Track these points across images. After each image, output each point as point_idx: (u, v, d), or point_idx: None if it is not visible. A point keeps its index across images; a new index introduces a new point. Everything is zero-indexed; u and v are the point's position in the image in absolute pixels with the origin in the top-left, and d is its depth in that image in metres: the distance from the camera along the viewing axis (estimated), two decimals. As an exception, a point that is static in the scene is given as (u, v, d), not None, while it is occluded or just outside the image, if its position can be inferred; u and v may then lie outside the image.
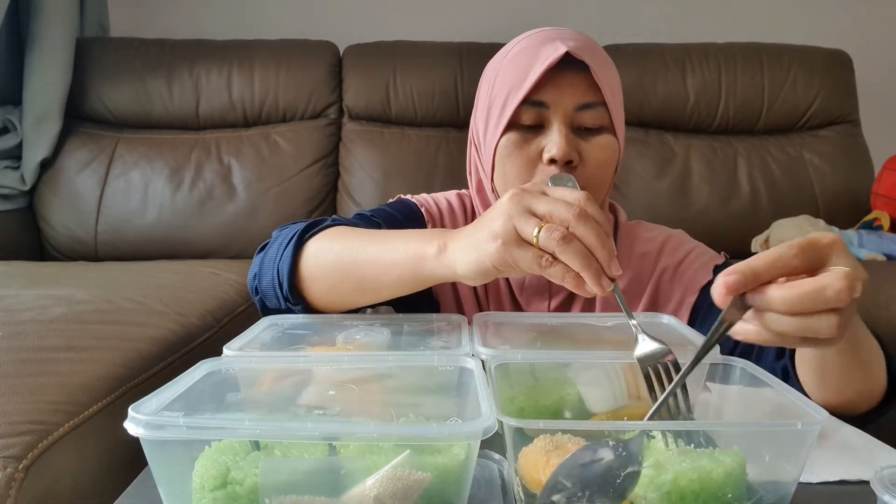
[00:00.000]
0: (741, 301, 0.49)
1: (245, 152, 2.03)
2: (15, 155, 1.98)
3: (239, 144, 2.04)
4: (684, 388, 0.53)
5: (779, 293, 0.47)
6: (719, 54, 2.11)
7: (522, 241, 0.56)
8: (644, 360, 0.56)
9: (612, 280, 0.56)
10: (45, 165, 1.99)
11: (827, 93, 2.10)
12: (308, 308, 0.76)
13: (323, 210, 2.04)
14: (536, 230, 0.55)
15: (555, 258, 0.55)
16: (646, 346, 0.56)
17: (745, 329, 0.50)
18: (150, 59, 2.05)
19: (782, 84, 2.09)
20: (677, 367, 0.55)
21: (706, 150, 2.08)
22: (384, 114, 2.09)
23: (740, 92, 2.09)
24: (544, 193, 0.58)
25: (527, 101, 0.78)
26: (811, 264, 0.48)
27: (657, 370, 0.55)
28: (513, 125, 0.80)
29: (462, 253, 0.61)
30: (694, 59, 2.10)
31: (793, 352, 0.73)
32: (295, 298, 0.75)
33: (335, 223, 0.80)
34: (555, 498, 0.44)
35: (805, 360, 0.67)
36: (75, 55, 2.02)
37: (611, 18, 2.34)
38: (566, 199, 0.56)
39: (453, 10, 2.34)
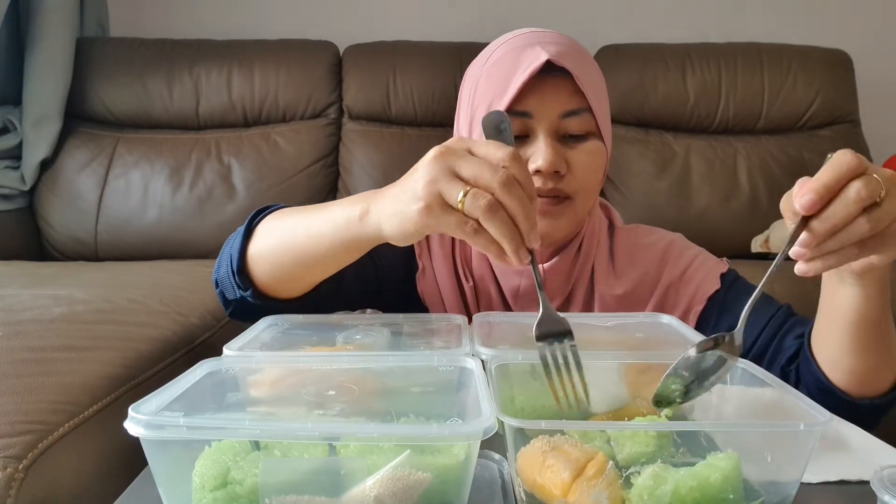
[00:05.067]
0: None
1: (245, 152, 2.03)
2: (15, 155, 1.98)
3: (239, 144, 2.04)
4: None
5: (815, 223, 0.52)
6: (719, 54, 2.11)
7: (446, 206, 0.54)
8: (542, 337, 0.56)
9: (530, 251, 0.56)
10: (45, 165, 1.99)
11: (827, 93, 2.10)
12: (258, 293, 0.75)
13: (323, 210, 2.04)
14: (461, 194, 0.53)
15: (479, 225, 0.54)
16: (548, 320, 0.56)
17: (808, 266, 0.54)
18: (150, 59, 2.05)
19: (782, 84, 2.09)
20: (575, 355, 0.55)
21: (706, 150, 2.08)
22: (384, 114, 2.09)
23: (740, 92, 2.09)
24: (470, 151, 0.56)
25: (509, 111, 0.76)
26: (864, 163, 0.52)
27: (554, 354, 0.55)
28: None
29: (386, 214, 0.60)
30: (694, 59, 2.10)
31: (808, 339, 0.74)
32: (244, 283, 0.74)
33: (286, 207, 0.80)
34: (673, 385, 0.53)
35: (841, 317, 0.67)
36: (75, 55, 2.02)
37: (611, 18, 2.34)
38: (492, 158, 0.54)
39: (453, 10, 2.34)
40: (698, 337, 0.66)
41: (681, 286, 0.86)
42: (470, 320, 0.73)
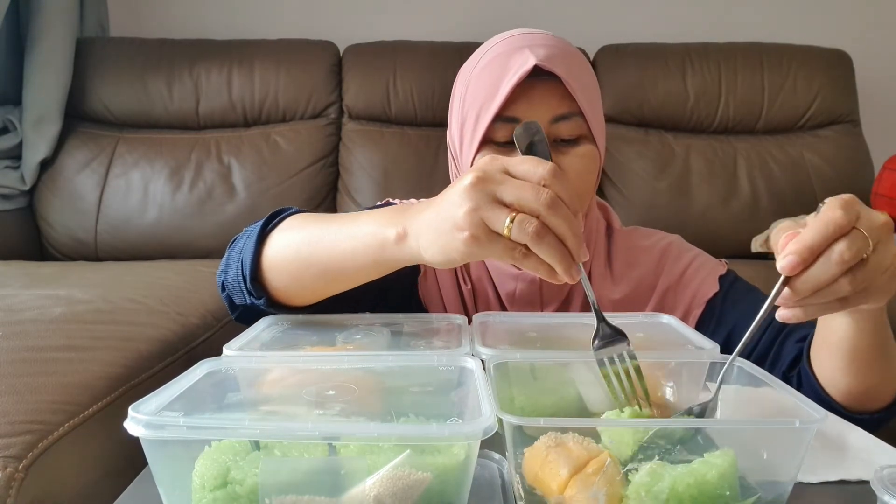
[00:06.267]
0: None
1: (245, 152, 2.03)
2: (15, 155, 1.98)
3: (239, 144, 2.04)
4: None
5: (797, 283, 0.51)
6: (719, 54, 2.11)
7: (492, 234, 0.53)
8: (601, 351, 0.57)
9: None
10: (45, 165, 1.99)
11: (827, 93, 2.10)
12: (271, 301, 0.73)
13: (323, 210, 2.04)
14: (508, 221, 0.51)
15: (527, 249, 0.53)
16: (604, 335, 0.57)
17: (790, 314, 0.54)
18: (150, 59, 2.05)
19: (782, 84, 2.09)
20: (633, 358, 0.57)
21: (706, 150, 2.08)
22: (384, 114, 2.09)
23: (740, 92, 2.09)
24: (507, 172, 0.54)
25: (499, 117, 0.75)
26: (854, 216, 0.51)
27: (612, 359, 0.57)
28: (487, 141, 0.77)
29: (426, 241, 0.57)
30: (694, 59, 2.10)
31: (809, 343, 0.73)
32: (258, 291, 0.72)
33: (299, 212, 0.77)
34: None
35: (835, 343, 0.67)
36: (75, 55, 2.02)
37: (611, 18, 2.34)
38: (532, 177, 0.53)
39: (454, 10, 2.34)
40: (698, 337, 0.66)
41: (679, 289, 0.85)
42: (470, 321, 0.73)
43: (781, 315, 0.54)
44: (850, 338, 0.65)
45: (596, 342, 0.57)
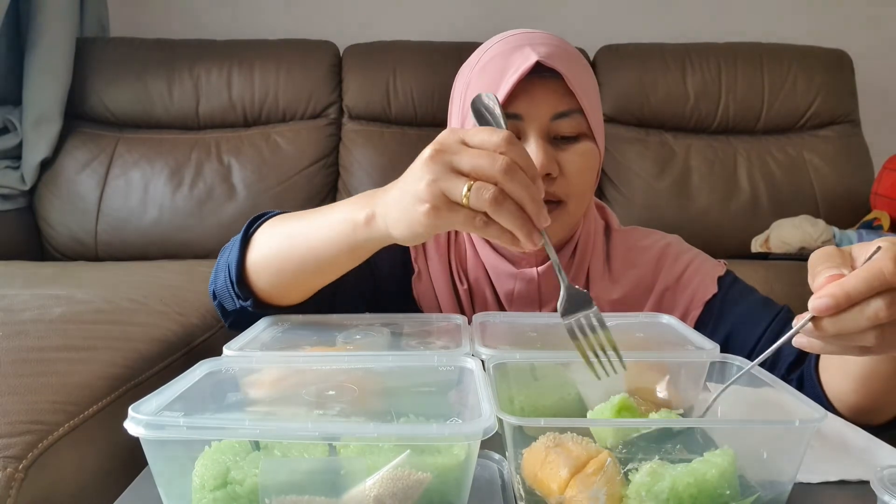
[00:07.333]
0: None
1: (245, 152, 2.03)
2: (15, 155, 1.98)
3: (239, 144, 2.04)
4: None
5: (824, 322, 0.49)
6: (719, 54, 2.11)
7: (452, 204, 0.54)
8: (567, 313, 0.57)
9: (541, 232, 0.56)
10: (45, 165, 1.99)
11: (827, 93, 2.10)
12: (259, 303, 0.74)
13: (323, 210, 2.04)
14: (465, 189, 0.53)
15: (488, 217, 0.54)
16: (570, 298, 0.57)
17: (806, 343, 0.52)
18: (150, 59, 2.05)
19: (782, 84, 2.09)
20: (601, 321, 0.57)
21: (706, 150, 2.08)
22: (384, 114, 2.09)
23: (740, 92, 2.09)
24: (465, 143, 0.55)
25: None
26: None
27: (581, 325, 0.57)
28: None
29: (393, 219, 0.59)
30: (694, 59, 2.11)
31: (815, 358, 0.72)
32: (244, 293, 0.73)
33: (280, 213, 0.78)
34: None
35: (850, 364, 0.65)
36: (75, 55, 2.02)
37: (611, 18, 2.34)
38: (488, 146, 0.54)
39: (453, 10, 2.34)
40: (698, 337, 0.66)
41: (677, 290, 0.85)
42: (469, 321, 0.73)
43: (798, 342, 0.52)
44: (866, 362, 0.63)
45: (562, 307, 0.58)
